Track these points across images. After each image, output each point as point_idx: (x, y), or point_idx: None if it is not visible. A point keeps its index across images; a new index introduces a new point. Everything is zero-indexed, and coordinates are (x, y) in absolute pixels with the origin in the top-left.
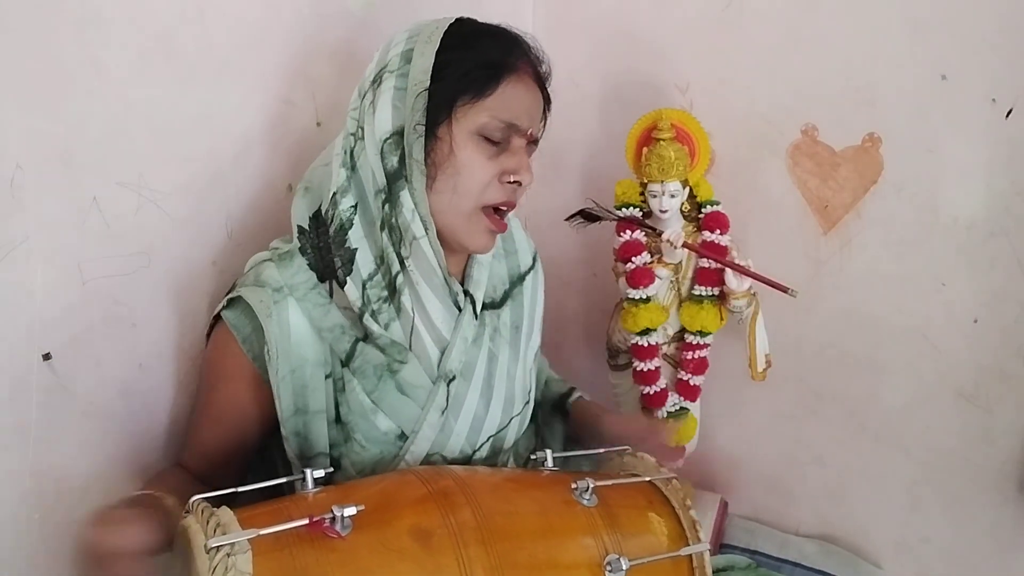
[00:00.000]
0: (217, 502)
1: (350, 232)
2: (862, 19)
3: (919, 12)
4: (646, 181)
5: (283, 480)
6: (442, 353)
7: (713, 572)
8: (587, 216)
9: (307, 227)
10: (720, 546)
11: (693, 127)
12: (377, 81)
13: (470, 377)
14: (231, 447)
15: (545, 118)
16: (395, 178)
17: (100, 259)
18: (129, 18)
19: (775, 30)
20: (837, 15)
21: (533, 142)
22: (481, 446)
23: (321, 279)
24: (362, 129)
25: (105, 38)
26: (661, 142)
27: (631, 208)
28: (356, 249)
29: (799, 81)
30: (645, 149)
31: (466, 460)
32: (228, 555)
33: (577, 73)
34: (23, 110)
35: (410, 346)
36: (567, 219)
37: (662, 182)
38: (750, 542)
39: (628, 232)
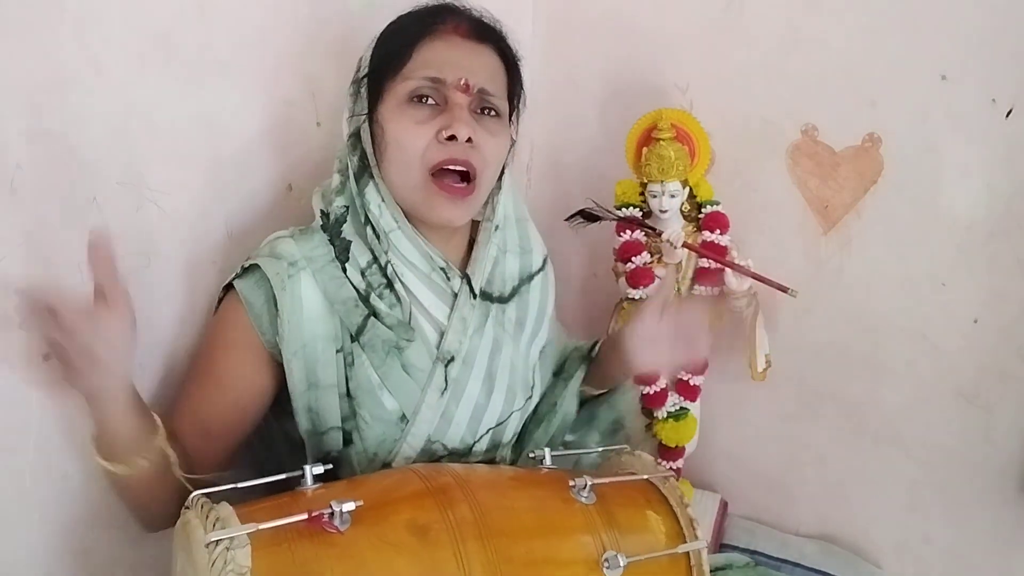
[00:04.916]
0: (216, 497)
1: (344, 227)
2: (862, 19)
3: (919, 12)
4: (646, 181)
5: (282, 476)
6: (440, 336)
7: (712, 570)
8: (587, 216)
9: (327, 211)
10: (720, 546)
11: (693, 127)
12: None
13: (472, 364)
14: (226, 418)
15: (512, 77)
16: (360, 175)
17: None
18: (129, 18)
19: (775, 30)
20: (837, 15)
21: (481, 98)
22: (481, 437)
23: (336, 258)
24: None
25: (105, 38)
26: (661, 142)
27: (631, 208)
28: (351, 242)
29: (799, 81)
30: (645, 149)
31: (466, 451)
32: (227, 549)
33: (577, 73)
34: (23, 110)
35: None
36: (567, 219)
37: (662, 182)
38: (750, 542)
39: (628, 232)
